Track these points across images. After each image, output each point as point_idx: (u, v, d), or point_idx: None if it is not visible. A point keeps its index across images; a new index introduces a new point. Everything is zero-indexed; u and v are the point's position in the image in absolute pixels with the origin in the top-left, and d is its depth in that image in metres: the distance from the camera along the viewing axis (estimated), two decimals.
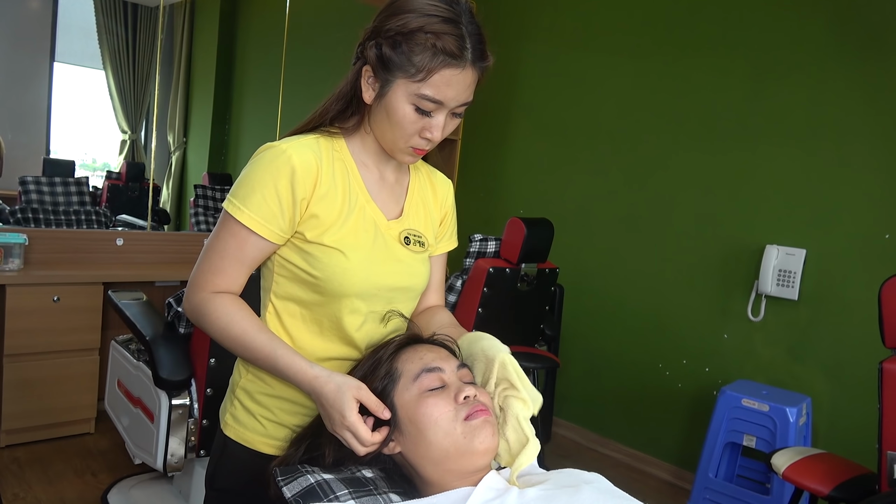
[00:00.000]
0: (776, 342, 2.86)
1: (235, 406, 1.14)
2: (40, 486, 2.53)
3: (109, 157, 4.00)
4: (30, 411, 2.80)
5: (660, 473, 3.23)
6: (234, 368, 1.19)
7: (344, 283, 1.05)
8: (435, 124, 1.01)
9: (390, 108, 1.00)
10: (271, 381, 1.10)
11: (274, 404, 1.11)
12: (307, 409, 1.11)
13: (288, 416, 1.11)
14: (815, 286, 2.75)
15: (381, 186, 1.13)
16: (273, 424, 1.11)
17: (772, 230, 2.87)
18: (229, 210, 1.02)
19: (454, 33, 0.96)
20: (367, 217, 1.08)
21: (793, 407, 2.44)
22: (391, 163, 1.14)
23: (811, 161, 2.78)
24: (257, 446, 1.12)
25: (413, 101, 0.98)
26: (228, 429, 1.15)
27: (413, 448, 0.96)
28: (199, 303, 1.04)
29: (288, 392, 1.10)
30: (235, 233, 1.02)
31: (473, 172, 4.14)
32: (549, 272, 2.96)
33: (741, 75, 2.98)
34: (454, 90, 0.98)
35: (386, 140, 1.05)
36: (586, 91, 3.58)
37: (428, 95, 0.97)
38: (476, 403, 0.96)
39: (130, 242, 3.31)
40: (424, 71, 0.96)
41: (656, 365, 3.25)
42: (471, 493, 0.91)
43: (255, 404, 1.12)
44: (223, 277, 1.04)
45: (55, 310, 2.80)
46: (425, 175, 1.22)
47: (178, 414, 2.06)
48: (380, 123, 1.04)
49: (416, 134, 1.02)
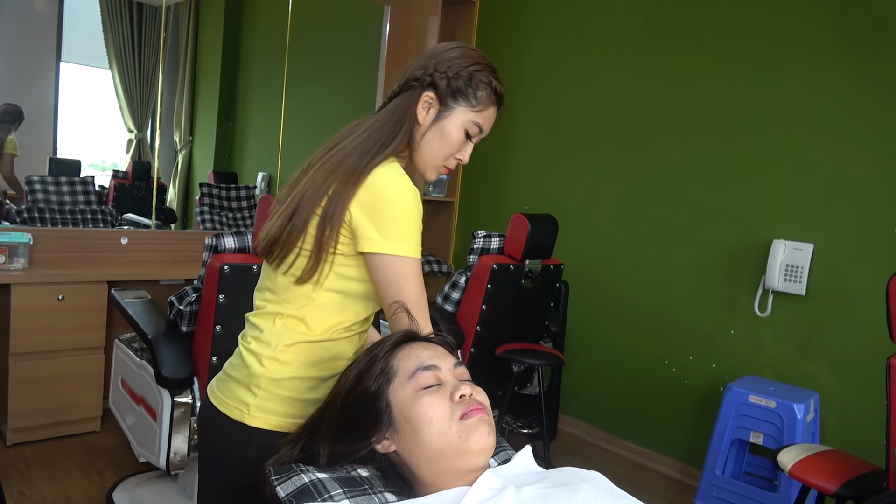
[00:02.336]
0: (784, 338, 2.83)
1: (259, 397, 1.14)
2: (46, 485, 2.54)
3: (116, 157, 4.01)
4: (35, 410, 2.81)
5: (666, 471, 3.21)
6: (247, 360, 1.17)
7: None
8: (468, 148, 1.24)
9: (445, 131, 1.20)
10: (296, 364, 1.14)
11: (299, 385, 1.15)
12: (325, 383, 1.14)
13: (311, 392, 1.15)
14: (823, 281, 2.72)
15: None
16: (300, 403, 1.14)
17: (779, 225, 2.84)
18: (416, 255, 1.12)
19: (501, 83, 1.23)
20: None
21: (800, 403, 2.42)
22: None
23: (818, 155, 2.74)
24: (290, 429, 1.11)
25: (466, 127, 1.20)
26: (255, 419, 1.14)
27: (408, 447, 0.95)
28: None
29: (307, 371, 1.15)
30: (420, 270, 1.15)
31: (478, 170, 4.12)
32: (553, 268, 2.95)
33: (746, 69, 2.94)
34: (489, 123, 1.24)
35: (427, 158, 1.22)
36: (590, 87, 3.55)
37: (479, 124, 1.21)
38: (472, 402, 0.94)
39: (135, 241, 3.31)
40: (483, 104, 1.20)
41: (662, 361, 3.23)
42: (466, 493, 0.90)
43: (282, 389, 1.14)
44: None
45: (60, 309, 2.81)
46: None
47: (181, 412, 2.05)
48: (429, 143, 1.21)
49: (452, 155, 1.23)
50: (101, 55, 3.78)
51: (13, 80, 3.48)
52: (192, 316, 2.15)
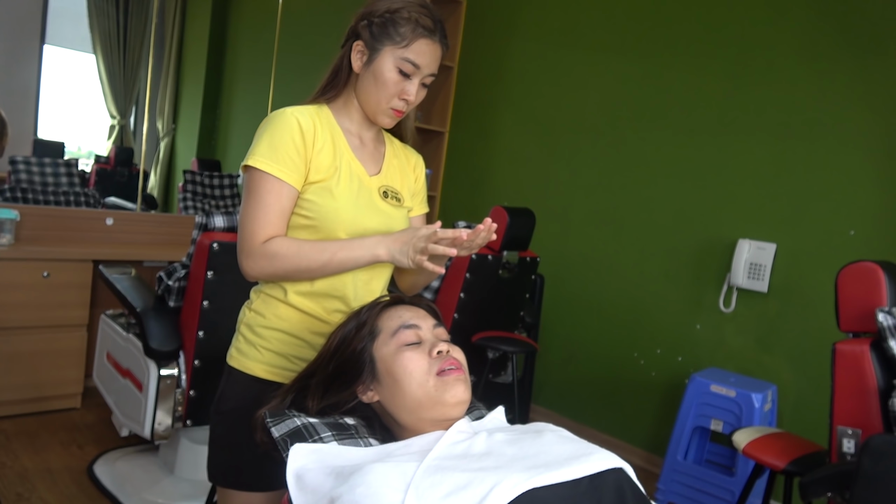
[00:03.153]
0: (746, 332, 2.97)
1: (239, 340, 1.31)
2: (27, 456, 2.59)
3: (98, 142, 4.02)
4: (17, 384, 2.85)
5: (632, 458, 3.33)
6: (241, 311, 1.34)
7: (335, 221, 1.23)
8: (411, 87, 1.25)
9: (377, 72, 1.24)
10: (269, 316, 1.27)
11: (272, 335, 1.27)
12: (300, 340, 1.27)
13: (283, 345, 1.27)
14: (784, 279, 2.87)
15: (363, 149, 1.33)
16: (270, 353, 1.27)
17: (744, 225, 2.98)
18: (263, 168, 1.19)
19: (428, 15, 1.25)
20: (352, 171, 1.28)
21: (758, 393, 2.55)
22: (371, 131, 1.35)
23: (783, 158, 2.89)
24: (256, 372, 1.27)
25: (397, 65, 1.23)
26: (233, 360, 1.30)
27: (390, 397, 1.05)
28: (262, 250, 1.18)
29: (283, 324, 1.26)
30: (270, 187, 1.19)
31: (460, 164, 4.22)
32: (529, 261, 3.06)
33: (718, 75, 3.08)
34: (427, 58, 1.24)
35: (370, 103, 1.27)
36: (570, 87, 3.68)
37: (409, 59, 1.22)
38: (448, 358, 1.04)
39: (120, 223, 3.36)
40: (408, 39, 1.22)
41: (631, 354, 3.36)
42: (443, 436, 1.00)
43: (255, 336, 1.28)
44: (271, 228, 1.20)
45: (45, 285, 2.85)
46: (399, 147, 1.43)
47: (167, 384, 2.12)
48: (367, 88, 1.26)
49: (396, 96, 1.25)
50: (86, 39, 3.76)
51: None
52: (181, 292, 2.22)
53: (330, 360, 1.09)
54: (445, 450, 0.95)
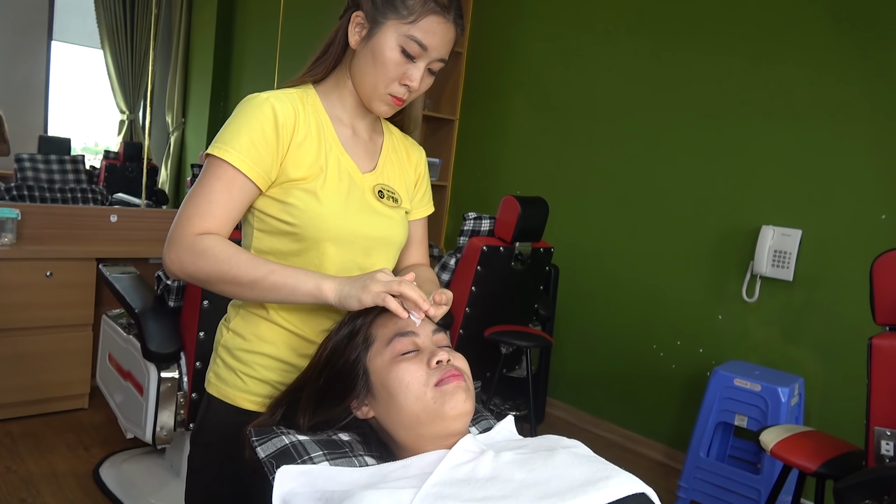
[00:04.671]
0: (770, 323, 2.85)
1: (218, 364, 1.17)
2: (32, 459, 2.54)
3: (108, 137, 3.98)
4: (23, 386, 2.81)
5: (652, 454, 3.23)
6: (218, 329, 1.20)
7: (320, 227, 1.06)
8: (415, 71, 1.06)
9: (377, 50, 1.05)
10: (250, 338, 1.12)
11: (253, 360, 1.12)
12: (286, 364, 1.12)
13: (267, 371, 1.12)
14: (811, 267, 2.74)
15: (355, 141, 1.16)
16: (253, 380, 1.13)
17: (768, 210, 2.85)
18: (216, 153, 1.02)
19: None
20: (341, 168, 1.11)
21: (785, 387, 2.44)
22: (366, 119, 1.18)
23: (808, 141, 2.75)
24: (238, 402, 1.13)
25: (401, 43, 1.04)
26: (211, 386, 1.17)
27: (385, 413, 0.95)
28: (191, 242, 1.00)
29: (266, 348, 1.12)
30: (222, 175, 1.02)
31: (470, 152, 4.12)
32: (543, 251, 2.95)
33: (739, 54, 2.94)
34: (437, 39, 1.05)
35: (366, 85, 1.09)
36: (583, 70, 3.55)
37: (416, 37, 1.03)
38: (449, 368, 0.94)
39: (124, 219, 3.30)
40: (416, 13, 1.03)
41: (650, 346, 3.25)
42: (444, 456, 0.90)
43: (235, 361, 1.14)
44: (211, 220, 1.01)
45: (48, 285, 2.80)
46: (399, 138, 1.26)
47: (168, 387, 2.06)
48: (363, 67, 1.08)
49: (396, 80, 1.06)
50: (94, 34, 3.73)
51: (4, 58, 3.45)
52: (180, 291, 2.15)
53: (321, 371, 1.00)
54: (447, 474, 0.86)
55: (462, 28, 1.10)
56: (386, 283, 0.94)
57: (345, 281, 0.97)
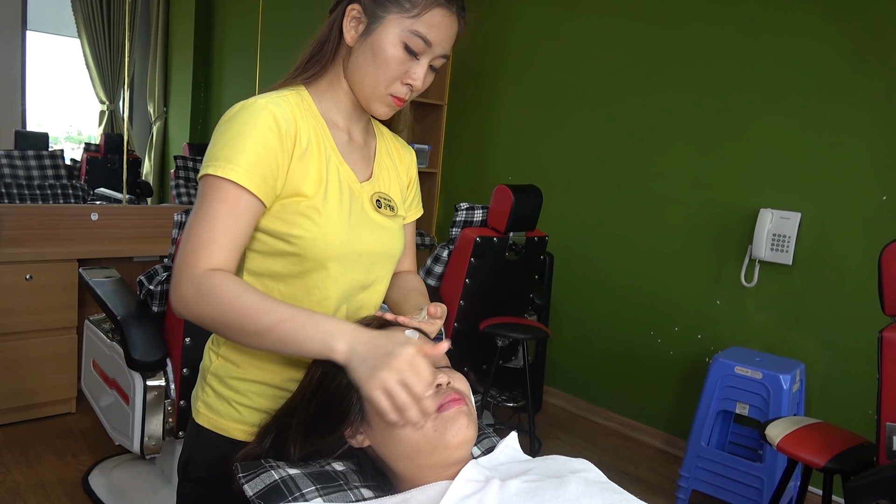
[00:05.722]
0: (770, 308, 2.80)
1: (207, 393, 1.08)
2: (19, 469, 2.47)
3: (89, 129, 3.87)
4: (6, 392, 2.72)
5: (652, 441, 3.20)
6: (205, 353, 1.12)
7: (325, 248, 0.98)
8: (419, 69, 0.99)
9: (377, 47, 0.97)
10: (243, 364, 1.05)
11: (247, 388, 1.05)
12: (282, 391, 1.05)
13: (263, 399, 1.05)
14: (810, 250, 2.69)
15: (351, 148, 1.08)
16: (248, 409, 1.05)
17: (766, 193, 2.79)
18: (219, 173, 0.91)
19: None
20: (341, 179, 1.03)
21: (786, 374, 2.39)
22: (360, 122, 1.10)
23: (806, 122, 2.68)
24: (232, 433, 1.06)
25: (404, 39, 0.97)
26: (201, 417, 1.08)
27: (382, 442, 0.89)
28: (197, 279, 0.89)
29: (260, 375, 1.04)
30: (224, 196, 0.91)
31: (460, 139, 4.03)
32: (537, 240, 2.88)
33: (735, 34, 2.86)
34: (442, 34, 0.98)
35: (365, 86, 1.01)
36: (576, 54, 3.46)
37: (420, 32, 0.96)
38: (449, 392, 0.88)
39: (106, 217, 3.20)
40: (420, 6, 0.96)
41: (648, 332, 3.20)
42: (448, 488, 0.84)
43: (227, 389, 1.06)
44: (218, 252, 0.90)
45: (28, 289, 2.71)
46: (390, 140, 1.19)
47: (154, 395, 1.98)
48: (362, 66, 1.00)
49: (398, 79, 0.99)
50: (70, 23, 3.61)
51: None
52: (164, 295, 2.06)
53: (311, 396, 0.93)
54: None
55: (465, 21, 1.02)
56: (411, 366, 0.81)
57: (357, 342, 0.85)
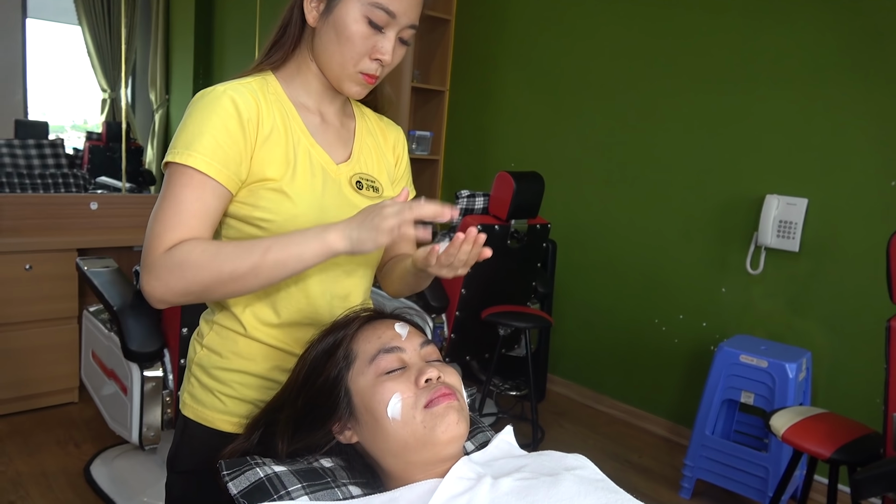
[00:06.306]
0: (776, 295, 2.76)
1: (192, 384, 1.07)
2: (21, 459, 2.47)
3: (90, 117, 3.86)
4: (8, 382, 2.73)
5: (656, 429, 3.18)
6: (190, 345, 1.11)
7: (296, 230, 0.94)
8: (386, 42, 0.96)
9: (340, 24, 0.95)
10: (227, 354, 1.03)
11: (231, 378, 1.03)
12: (268, 381, 1.03)
13: (248, 389, 1.04)
14: (817, 237, 2.64)
15: (325, 129, 1.05)
16: (233, 400, 1.04)
17: (771, 179, 2.75)
18: (178, 160, 0.90)
19: None
20: (313, 161, 1.01)
21: (792, 363, 2.36)
22: (334, 104, 1.07)
23: (812, 106, 2.63)
24: (217, 424, 1.04)
25: (365, 13, 0.94)
26: (186, 408, 1.08)
27: (370, 438, 0.86)
28: (165, 260, 0.87)
29: (244, 364, 1.03)
30: (188, 182, 0.89)
31: (462, 125, 3.98)
32: (540, 228, 2.85)
33: (738, 15, 2.80)
34: (405, 3, 0.95)
35: (333, 66, 0.98)
36: (577, 39, 3.40)
37: (381, 4, 0.93)
38: (439, 387, 0.85)
39: (105, 206, 3.18)
40: None
41: (652, 320, 3.17)
42: (437, 486, 0.82)
43: (211, 380, 1.04)
44: (183, 230, 0.89)
45: (28, 279, 2.70)
46: (373, 120, 1.16)
47: (152, 386, 1.97)
48: (327, 46, 0.97)
49: (366, 55, 0.97)
50: (70, 10, 3.59)
51: None
52: None
53: (299, 391, 0.91)
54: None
55: None
56: (397, 214, 0.83)
57: (351, 225, 0.86)
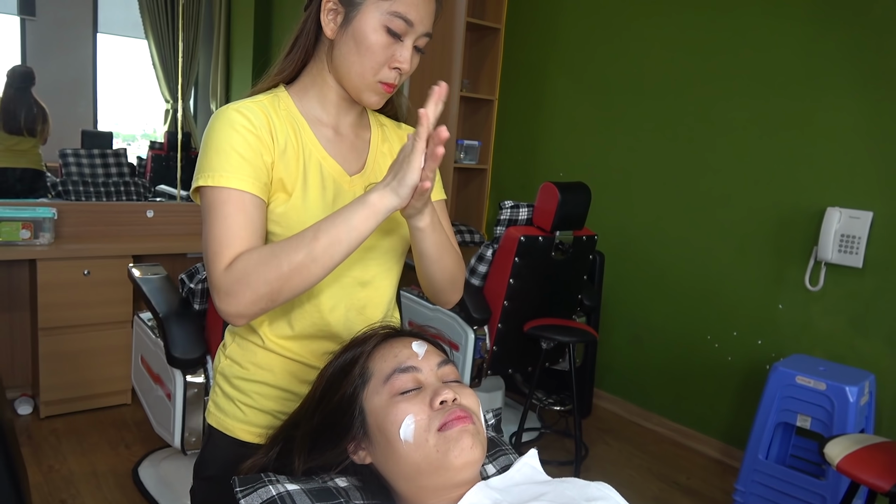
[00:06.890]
0: (837, 313, 2.62)
1: (216, 393, 1.10)
2: (74, 458, 2.57)
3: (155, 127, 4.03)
4: (66, 383, 2.84)
5: (706, 450, 3.06)
6: (216, 354, 1.13)
7: None
8: (404, 51, 0.97)
9: (359, 35, 0.96)
10: (247, 365, 1.05)
11: (251, 388, 1.05)
12: (286, 392, 1.05)
13: (266, 400, 1.05)
14: (883, 252, 2.49)
15: (339, 141, 1.05)
16: (252, 410, 1.05)
17: (833, 191, 2.61)
18: (209, 183, 0.92)
19: None
20: (324, 174, 1.01)
21: (853, 386, 2.23)
22: (350, 115, 1.07)
23: (879, 111, 2.49)
24: (237, 434, 1.06)
25: (384, 22, 0.95)
26: (211, 417, 1.10)
27: (383, 460, 0.84)
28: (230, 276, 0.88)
29: (264, 375, 1.04)
30: (226, 199, 0.91)
31: (511, 135, 3.95)
32: (586, 239, 2.79)
33: (800, 17, 2.68)
34: (421, 11, 0.96)
35: (353, 76, 0.99)
36: (629, 45, 3.32)
37: (399, 12, 0.95)
38: (454, 409, 0.82)
39: (161, 214, 3.29)
40: None
41: (704, 336, 3.06)
42: None
43: (233, 389, 1.07)
44: (240, 244, 0.90)
45: (86, 283, 2.81)
46: (391, 128, 1.15)
47: (194, 392, 2.01)
48: (346, 57, 0.98)
49: (385, 64, 0.97)
50: (137, 24, 3.75)
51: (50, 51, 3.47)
52: (205, 293, 2.09)
53: (315, 409, 0.90)
54: None
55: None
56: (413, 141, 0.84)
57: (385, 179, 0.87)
